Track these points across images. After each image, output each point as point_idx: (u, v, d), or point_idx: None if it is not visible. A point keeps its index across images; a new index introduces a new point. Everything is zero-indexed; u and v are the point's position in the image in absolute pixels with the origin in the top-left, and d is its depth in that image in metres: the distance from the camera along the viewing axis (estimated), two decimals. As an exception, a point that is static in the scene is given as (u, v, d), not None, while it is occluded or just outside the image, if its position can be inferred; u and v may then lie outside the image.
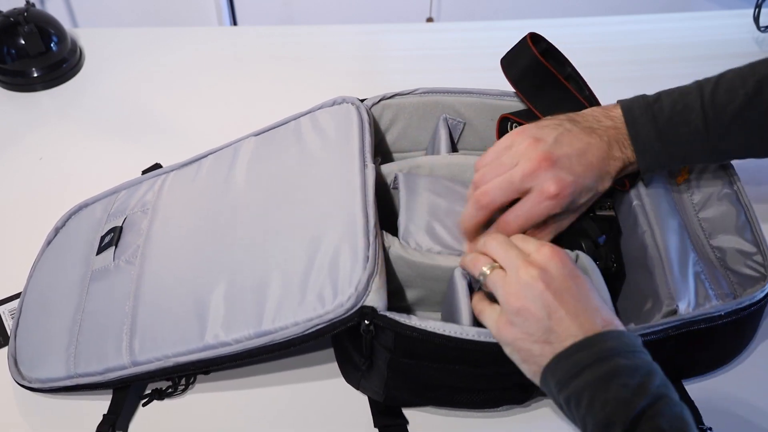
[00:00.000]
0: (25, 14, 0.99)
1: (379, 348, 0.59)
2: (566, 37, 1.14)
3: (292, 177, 0.70)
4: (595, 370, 0.49)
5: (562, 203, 0.61)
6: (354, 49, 1.12)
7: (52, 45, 1.02)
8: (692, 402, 0.66)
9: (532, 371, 0.54)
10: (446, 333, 0.57)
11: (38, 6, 1.04)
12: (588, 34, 1.16)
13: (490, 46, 1.14)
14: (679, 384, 0.68)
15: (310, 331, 0.58)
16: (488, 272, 0.57)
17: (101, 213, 0.80)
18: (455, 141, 0.81)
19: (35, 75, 1.02)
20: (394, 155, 0.83)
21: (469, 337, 0.57)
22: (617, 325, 0.53)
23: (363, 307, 0.57)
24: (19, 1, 1.02)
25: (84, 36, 1.12)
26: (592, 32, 1.17)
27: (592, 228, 0.67)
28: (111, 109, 1.01)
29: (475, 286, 0.62)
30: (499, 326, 0.55)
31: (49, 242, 0.79)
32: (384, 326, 0.57)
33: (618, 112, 0.65)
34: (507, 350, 0.55)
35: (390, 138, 0.81)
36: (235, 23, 1.64)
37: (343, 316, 0.57)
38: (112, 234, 0.75)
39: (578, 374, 0.50)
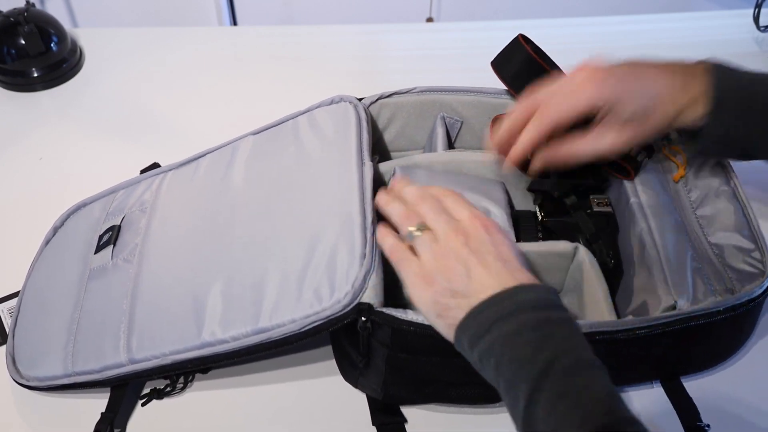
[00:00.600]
0: (25, 14, 0.99)
1: (377, 344, 0.59)
2: (566, 37, 1.15)
3: (289, 175, 0.70)
4: (503, 325, 0.49)
5: (598, 91, 0.60)
6: (354, 49, 1.12)
7: (52, 45, 1.02)
8: (690, 399, 0.66)
9: (447, 325, 0.53)
10: None
11: (38, 6, 1.05)
12: (588, 34, 1.16)
13: (490, 46, 1.13)
14: (678, 381, 0.68)
15: (307, 328, 0.58)
16: (418, 234, 0.56)
17: (99, 212, 0.80)
18: (452, 139, 0.81)
19: (35, 75, 1.02)
20: (392, 154, 0.83)
21: None
22: (536, 282, 0.52)
23: (360, 304, 0.57)
24: (19, 1, 1.02)
25: (84, 36, 1.12)
26: (592, 32, 1.17)
27: (587, 224, 0.67)
28: (111, 109, 1.01)
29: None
30: (416, 282, 0.54)
31: (47, 241, 0.79)
32: (381, 322, 0.57)
33: (704, 77, 0.63)
34: (422, 307, 0.55)
35: (388, 137, 0.81)
36: (235, 23, 1.64)
37: (340, 313, 0.57)
38: (111, 233, 0.75)
39: (488, 330, 0.49)
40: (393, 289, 0.68)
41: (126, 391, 0.66)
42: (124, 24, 1.60)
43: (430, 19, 1.63)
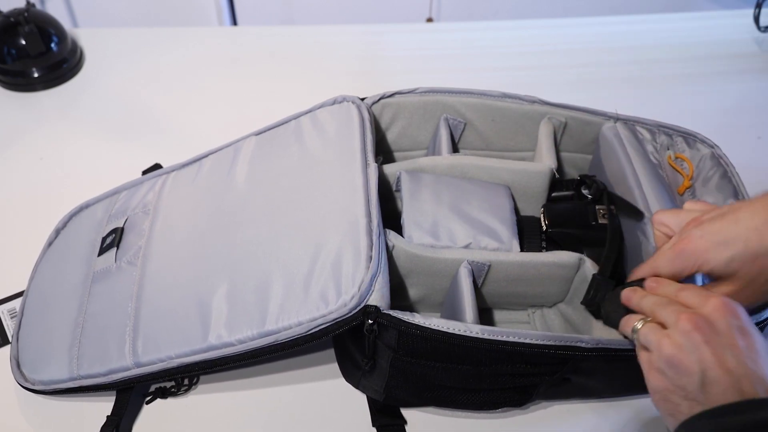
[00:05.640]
0: (26, 14, 0.99)
1: (382, 347, 0.59)
2: (566, 37, 1.15)
3: (293, 177, 0.70)
4: None
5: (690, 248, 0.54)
6: (354, 49, 1.12)
7: (52, 45, 1.02)
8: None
9: (673, 426, 0.48)
10: (450, 330, 0.57)
11: (38, 6, 1.04)
12: (588, 34, 1.16)
13: (490, 46, 1.14)
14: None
15: (314, 330, 0.58)
16: (639, 326, 0.51)
17: (102, 214, 0.79)
18: (456, 141, 0.81)
19: (35, 75, 1.02)
20: (395, 154, 0.83)
21: (473, 334, 0.57)
22: None
23: (366, 306, 0.57)
24: (20, 1, 1.02)
25: (84, 36, 1.12)
26: (592, 32, 1.17)
27: (594, 237, 0.67)
28: (111, 109, 1.01)
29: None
30: (649, 370, 0.50)
31: (50, 244, 0.79)
32: (387, 325, 0.57)
33: None
34: (653, 398, 0.50)
35: (390, 137, 0.81)
36: (235, 23, 1.63)
37: (347, 316, 0.57)
38: (114, 235, 0.75)
39: None
40: (398, 291, 0.68)
41: (131, 394, 0.66)
42: (124, 24, 1.59)
43: (430, 19, 1.62)
